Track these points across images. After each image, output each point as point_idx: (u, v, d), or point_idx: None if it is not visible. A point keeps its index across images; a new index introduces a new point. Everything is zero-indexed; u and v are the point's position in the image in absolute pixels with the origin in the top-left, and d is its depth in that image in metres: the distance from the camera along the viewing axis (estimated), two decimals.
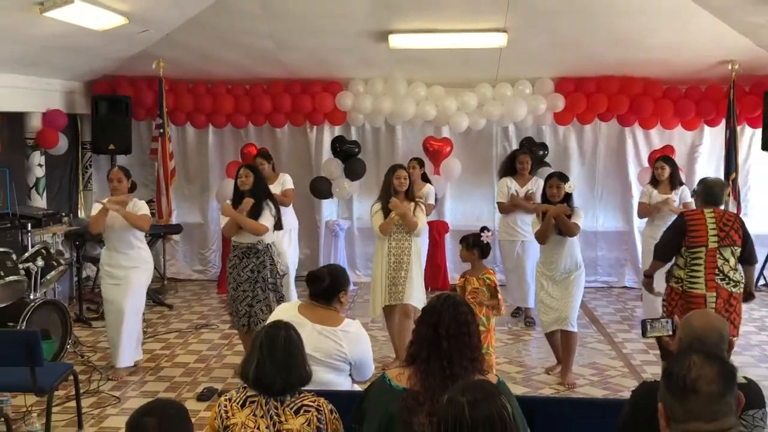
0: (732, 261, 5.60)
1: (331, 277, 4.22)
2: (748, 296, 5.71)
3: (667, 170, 7.71)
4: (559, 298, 6.41)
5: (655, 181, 7.86)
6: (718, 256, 5.56)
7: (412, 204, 6.62)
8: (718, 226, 5.59)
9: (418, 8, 7.67)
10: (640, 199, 8.05)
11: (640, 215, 8.03)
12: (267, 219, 6.39)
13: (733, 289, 5.59)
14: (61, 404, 5.77)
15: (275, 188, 7.98)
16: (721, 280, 5.58)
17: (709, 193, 5.86)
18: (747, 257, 5.64)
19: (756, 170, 9.77)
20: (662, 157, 8.04)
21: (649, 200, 7.80)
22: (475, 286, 5.85)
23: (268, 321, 4.21)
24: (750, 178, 9.75)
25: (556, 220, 6.25)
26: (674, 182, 7.71)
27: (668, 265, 5.88)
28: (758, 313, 8.75)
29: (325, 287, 4.18)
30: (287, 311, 4.19)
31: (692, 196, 7.32)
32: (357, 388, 4.54)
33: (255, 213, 6.34)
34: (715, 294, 5.55)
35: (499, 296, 5.77)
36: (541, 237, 6.40)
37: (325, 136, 10.09)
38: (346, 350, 4.03)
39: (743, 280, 5.66)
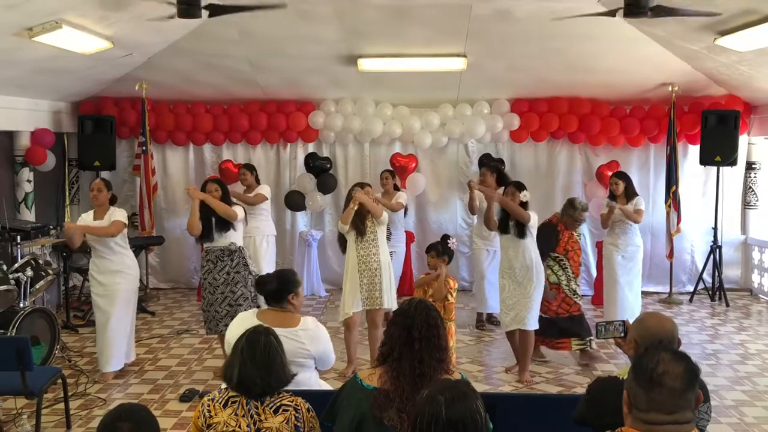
0: None
1: (279, 279, 4.16)
2: None
3: (621, 185, 7.73)
4: (518, 298, 6.44)
5: (612, 195, 7.88)
6: None
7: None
8: None
9: (385, 34, 7.71)
10: (601, 212, 8.00)
11: (603, 225, 7.94)
12: (238, 209, 6.49)
13: None
14: (50, 406, 5.70)
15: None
16: None
17: None
18: None
19: (692, 183, 9.83)
20: (616, 173, 8.00)
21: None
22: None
23: (228, 332, 4.17)
24: (688, 190, 9.84)
25: (504, 208, 6.37)
26: (629, 194, 7.75)
27: None
28: (698, 314, 8.89)
29: (272, 290, 4.12)
30: (246, 319, 4.07)
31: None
32: (325, 386, 4.54)
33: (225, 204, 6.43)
34: None
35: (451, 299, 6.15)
36: (486, 221, 6.67)
37: (299, 153, 10.10)
38: (308, 347, 3.99)
39: None
